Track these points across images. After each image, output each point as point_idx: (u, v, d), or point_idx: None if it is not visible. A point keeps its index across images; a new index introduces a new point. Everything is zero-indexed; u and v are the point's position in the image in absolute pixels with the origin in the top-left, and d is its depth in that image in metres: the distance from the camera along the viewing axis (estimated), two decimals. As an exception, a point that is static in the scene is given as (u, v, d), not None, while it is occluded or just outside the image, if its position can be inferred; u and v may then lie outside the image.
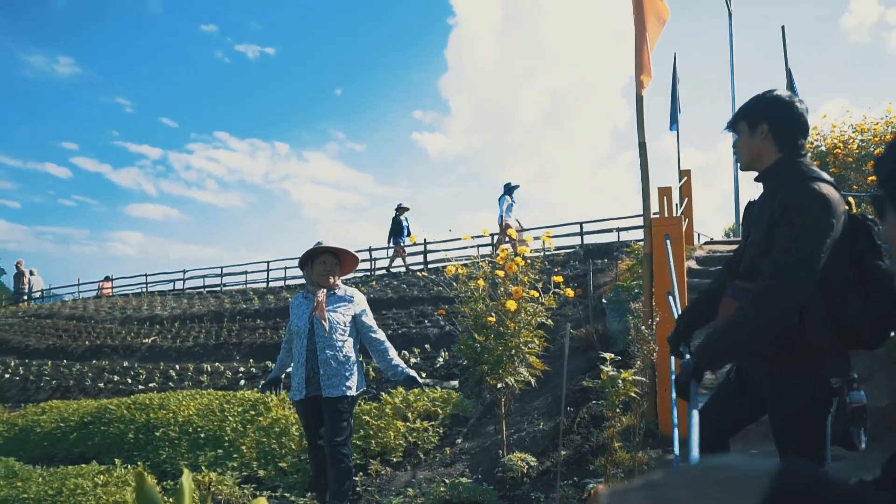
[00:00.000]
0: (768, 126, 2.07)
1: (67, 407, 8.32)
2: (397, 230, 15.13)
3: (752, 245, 2.11)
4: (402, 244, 15.24)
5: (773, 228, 1.95)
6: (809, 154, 2.11)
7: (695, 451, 1.83)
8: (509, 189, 13.47)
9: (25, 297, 23.02)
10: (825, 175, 1.99)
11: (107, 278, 23.69)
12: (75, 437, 7.08)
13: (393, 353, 3.87)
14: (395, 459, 4.96)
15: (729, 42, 13.78)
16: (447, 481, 3.75)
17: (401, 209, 15.27)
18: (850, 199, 2.09)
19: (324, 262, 3.89)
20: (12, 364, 13.26)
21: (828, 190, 1.90)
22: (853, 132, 9.02)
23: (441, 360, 7.83)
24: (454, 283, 4.30)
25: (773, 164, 2.09)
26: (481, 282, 4.03)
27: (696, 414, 1.99)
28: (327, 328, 3.73)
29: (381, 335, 3.90)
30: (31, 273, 23.22)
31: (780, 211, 1.92)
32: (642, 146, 4.49)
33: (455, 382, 6.85)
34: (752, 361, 2.15)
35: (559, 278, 4.05)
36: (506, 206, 13.24)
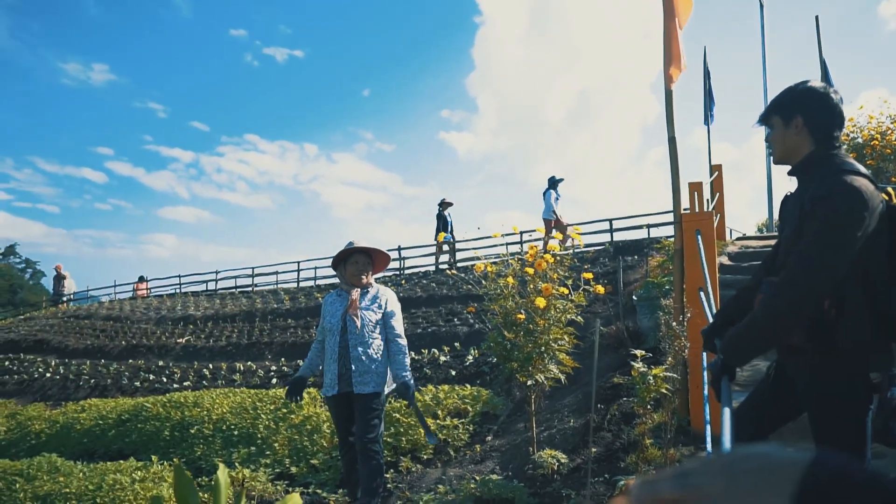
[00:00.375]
0: (803, 119, 2.03)
1: (106, 405, 8.52)
2: (443, 226, 14.82)
3: (786, 240, 2.08)
4: (450, 240, 14.90)
5: (804, 223, 1.92)
6: (845, 147, 2.07)
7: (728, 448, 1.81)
8: (553, 182, 13.16)
9: (64, 299, 23.66)
10: (860, 167, 1.95)
11: (141, 279, 24.18)
12: (113, 434, 7.24)
13: (404, 359, 3.89)
14: (425, 456, 4.98)
15: (761, 35, 13.55)
16: (477, 478, 3.76)
17: (444, 204, 14.93)
18: (890, 189, 2.05)
19: (356, 261, 3.95)
20: (53, 363, 13.61)
21: (861, 182, 1.86)
22: (892, 123, 8.81)
23: (471, 357, 7.84)
24: (483, 281, 4.30)
25: (806, 157, 2.05)
26: (510, 279, 4.02)
27: (727, 412, 1.96)
28: (359, 325, 3.78)
29: (401, 342, 3.92)
30: (65, 276, 23.87)
31: (811, 204, 1.88)
32: (672, 141, 4.44)
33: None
34: (790, 357, 2.12)
35: (589, 275, 4.03)
36: (553, 200, 12.97)
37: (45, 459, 6.10)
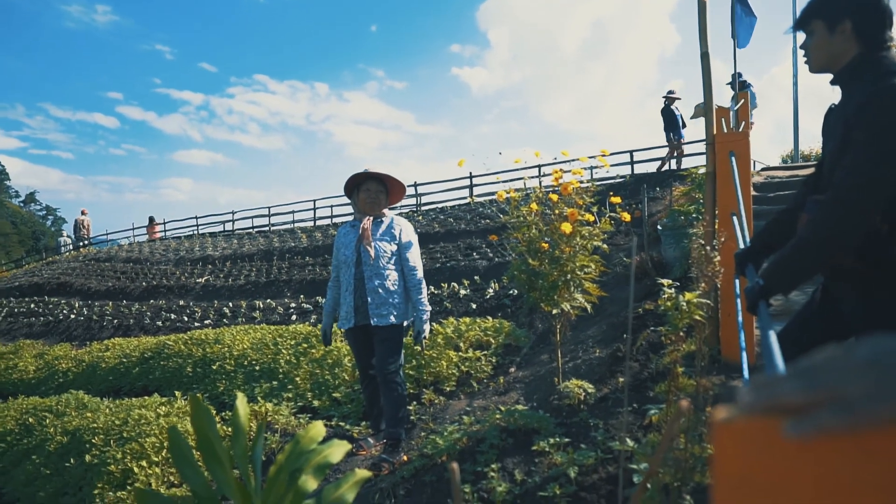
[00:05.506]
0: (852, 23, 1.80)
1: (129, 344, 8.61)
2: (671, 122, 12.89)
3: (830, 155, 1.90)
4: (678, 139, 12.85)
5: (849, 134, 1.73)
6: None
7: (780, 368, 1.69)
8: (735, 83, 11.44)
9: (85, 243, 23.88)
10: None
11: (151, 220, 24.06)
12: (137, 371, 7.32)
13: (421, 297, 3.77)
14: (448, 389, 4.94)
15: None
16: (502, 409, 3.69)
17: (670, 98, 12.94)
18: None
19: (368, 189, 3.78)
20: (77, 305, 13.80)
21: None
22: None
23: (491, 291, 7.75)
24: (505, 210, 4.14)
25: (850, 61, 1.82)
26: (534, 205, 3.85)
27: (772, 334, 1.84)
28: (373, 255, 3.66)
29: (417, 274, 3.79)
30: (83, 213, 24.01)
31: (856, 113, 1.68)
32: (705, 57, 4.17)
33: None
34: (837, 279, 1.96)
35: (617, 199, 3.85)
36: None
37: (72, 396, 6.18)
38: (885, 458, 0.37)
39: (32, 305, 14.86)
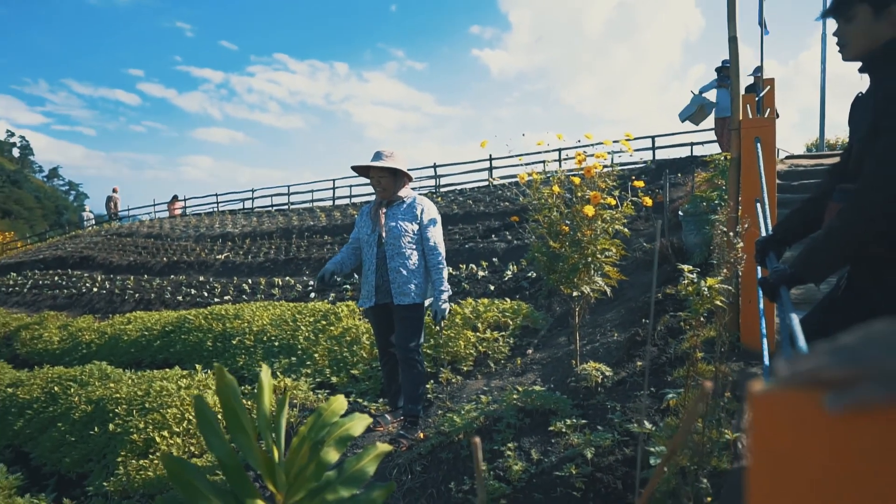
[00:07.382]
0: None
1: (150, 317, 8.73)
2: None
3: (858, 144, 1.86)
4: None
5: (879, 122, 1.69)
6: None
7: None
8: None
9: (115, 218, 24.32)
10: None
11: (175, 198, 24.37)
12: (159, 344, 7.44)
13: (441, 276, 3.80)
14: (465, 368, 4.97)
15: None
16: (520, 389, 3.71)
17: (758, 78, 10.63)
18: None
19: (372, 176, 3.82)
20: (99, 279, 14.01)
21: None
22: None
23: (509, 273, 7.75)
24: (526, 192, 4.13)
25: (881, 47, 1.77)
26: (556, 187, 3.84)
27: (794, 317, 1.82)
28: (394, 236, 3.70)
29: (438, 254, 3.81)
30: (114, 191, 24.44)
31: (885, 101, 1.64)
32: (733, 41, 4.10)
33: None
34: (866, 266, 1.94)
35: (640, 182, 3.82)
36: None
37: (96, 367, 6.30)
38: None
39: (56, 278, 15.12)
